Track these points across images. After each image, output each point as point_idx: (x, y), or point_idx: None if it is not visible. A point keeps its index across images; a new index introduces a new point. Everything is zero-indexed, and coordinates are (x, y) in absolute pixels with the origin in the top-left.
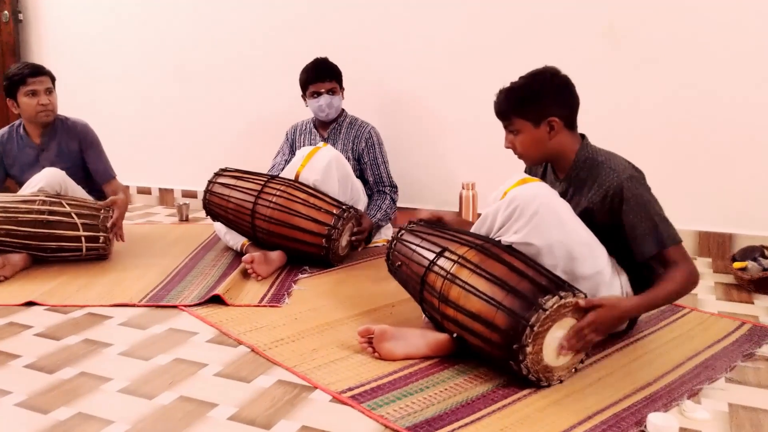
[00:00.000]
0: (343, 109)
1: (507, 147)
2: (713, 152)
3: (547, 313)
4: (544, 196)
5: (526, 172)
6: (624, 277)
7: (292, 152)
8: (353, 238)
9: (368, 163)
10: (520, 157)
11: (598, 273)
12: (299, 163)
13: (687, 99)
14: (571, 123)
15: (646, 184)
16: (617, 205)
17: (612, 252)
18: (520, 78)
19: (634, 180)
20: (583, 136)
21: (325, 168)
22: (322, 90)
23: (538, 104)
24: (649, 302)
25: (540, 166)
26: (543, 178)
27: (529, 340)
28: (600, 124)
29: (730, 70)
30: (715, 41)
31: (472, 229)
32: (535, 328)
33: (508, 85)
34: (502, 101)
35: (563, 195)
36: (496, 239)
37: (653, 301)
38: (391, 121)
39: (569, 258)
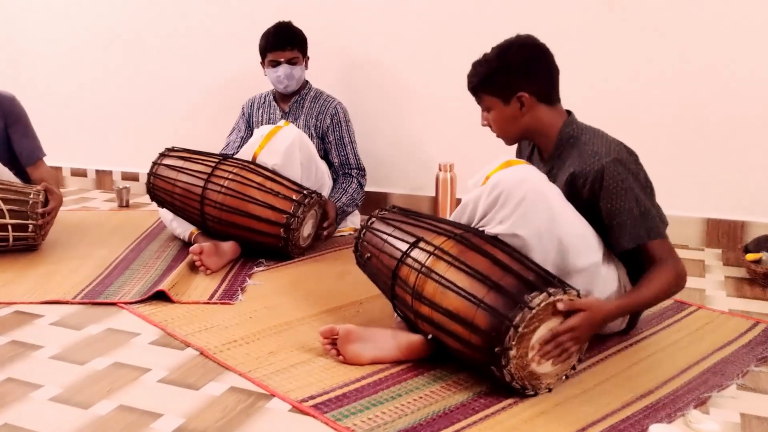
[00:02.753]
0: (307, 81)
1: (484, 125)
2: (723, 130)
3: (534, 312)
4: (532, 181)
5: (516, 154)
6: (622, 270)
7: (249, 129)
8: (324, 232)
9: (333, 142)
10: (498, 136)
11: (594, 266)
12: (257, 144)
13: (693, 70)
14: (547, 97)
15: (634, 168)
16: (597, 192)
17: (608, 242)
18: (491, 50)
19: (618, 164)
20: (569, 113)
21: (287, 150)
22: (282, 59)
23: (504, 79)
24: (630, 305)
25: (528, 146)
26: (529, 159)
27: (513, 343)
28: (595, 98)
29: (742, 39)
30: (727, 6)
31: (452, 218)
32: (520, 329)
33: (481, 56)
34: (472, 77)
35: (547, 177)
36: (479, 229)
37: (635, 303)
38: (359, 95)
39: (561, 250)
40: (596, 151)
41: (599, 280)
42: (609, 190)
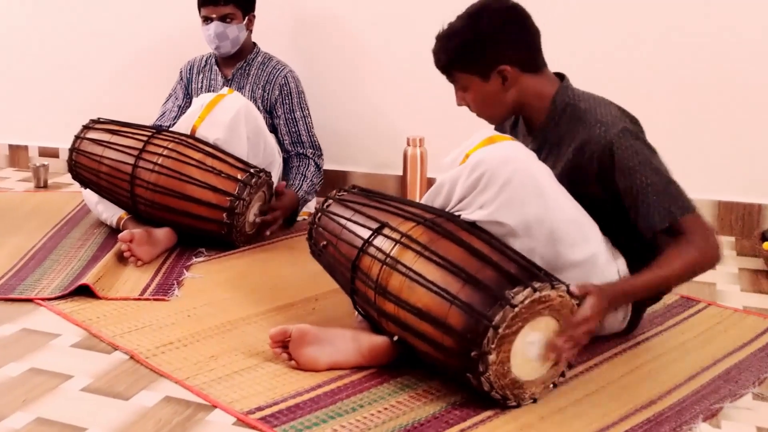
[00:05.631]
0: (254, 44)
1: (460, 105)
2: (737, 101)
3: (516, 310)
4: (519, 160)
5: (495, 127)
6: (621, 262)
7: (188, 97)
8: (259, 219)
9: (283, 117)
10: (480, 116)
11: (590, 258)
12: (196, 114)
13: (702, 33)
14: (531, 65)
15: (643, 137)
16: (608, 169)
17: (605, 230)
18: (457, 19)
19: (627, 134)
20: (562, 77)
21: (231, 123)
22: (214, 15)
23: (481, 52)
24: (647, 283)
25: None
26: (513, 132)
27: (493, 346)
28: (588, 64)
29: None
30: None
31: (423, 201)
32: (501, 330)
33: (446, 27)
34: (439, 53)
35: (537, 154)
36: (455, 214)
37: (654, 281)
38: (313, 58)
39: (552, 240)
40: (600, 119)
41: (596, 274)
42: (623, 165)
